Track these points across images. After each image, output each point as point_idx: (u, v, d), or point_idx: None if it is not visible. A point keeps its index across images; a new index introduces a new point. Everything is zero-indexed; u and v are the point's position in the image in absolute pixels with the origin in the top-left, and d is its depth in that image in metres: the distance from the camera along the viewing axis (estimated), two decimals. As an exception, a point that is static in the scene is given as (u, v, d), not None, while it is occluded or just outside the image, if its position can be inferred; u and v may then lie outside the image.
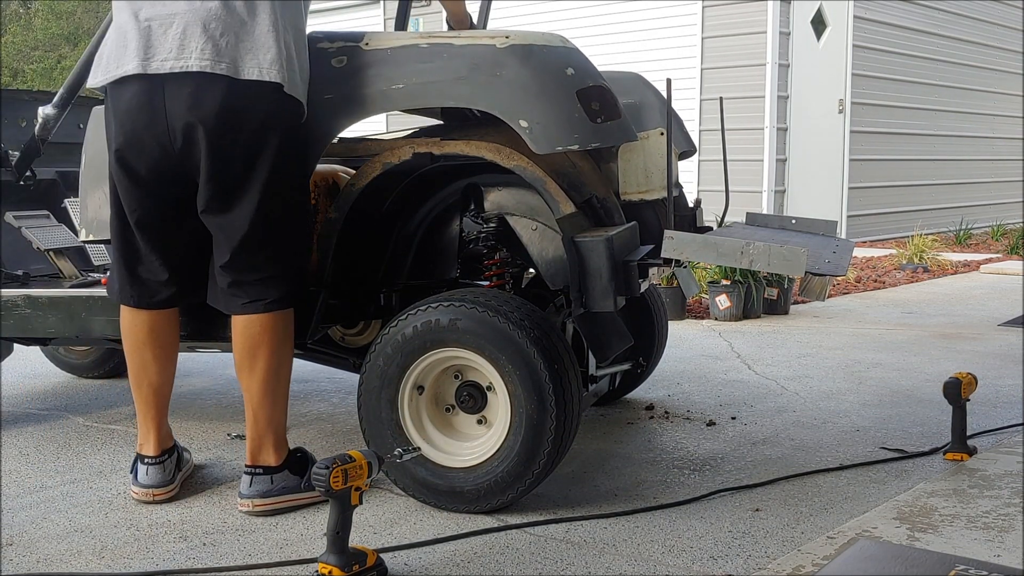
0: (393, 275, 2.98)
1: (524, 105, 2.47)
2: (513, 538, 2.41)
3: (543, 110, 2.47)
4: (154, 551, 2.36)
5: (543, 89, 2.48)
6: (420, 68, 2.54)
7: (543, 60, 2.51)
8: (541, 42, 2.54)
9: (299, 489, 2.62)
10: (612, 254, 2.47)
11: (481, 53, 2.50)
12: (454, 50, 2.53)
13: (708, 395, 3.85)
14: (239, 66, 2.38)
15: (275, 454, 2.61)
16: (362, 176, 2.69)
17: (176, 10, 2.39)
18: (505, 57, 2.49)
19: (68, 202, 3.71)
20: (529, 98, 2.47)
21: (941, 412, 3.43)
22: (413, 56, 2.56)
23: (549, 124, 2.46)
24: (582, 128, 2.49)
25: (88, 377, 4.31)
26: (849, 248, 3.00)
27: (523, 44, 2.50)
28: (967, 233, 10.32)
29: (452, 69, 2.52)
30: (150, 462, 2.70)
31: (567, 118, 2.47)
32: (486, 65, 2.49)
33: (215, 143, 2.40)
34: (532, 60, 2.50)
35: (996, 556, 2.16)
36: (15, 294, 3.09)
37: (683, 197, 3.30)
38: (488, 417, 2.61)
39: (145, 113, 2.42)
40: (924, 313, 5.90)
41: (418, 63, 2.55)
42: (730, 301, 5.56)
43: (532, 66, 2.49)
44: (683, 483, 2.80)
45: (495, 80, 2.48)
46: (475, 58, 2.50)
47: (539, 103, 2.47)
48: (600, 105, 2.54)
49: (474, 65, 2.50)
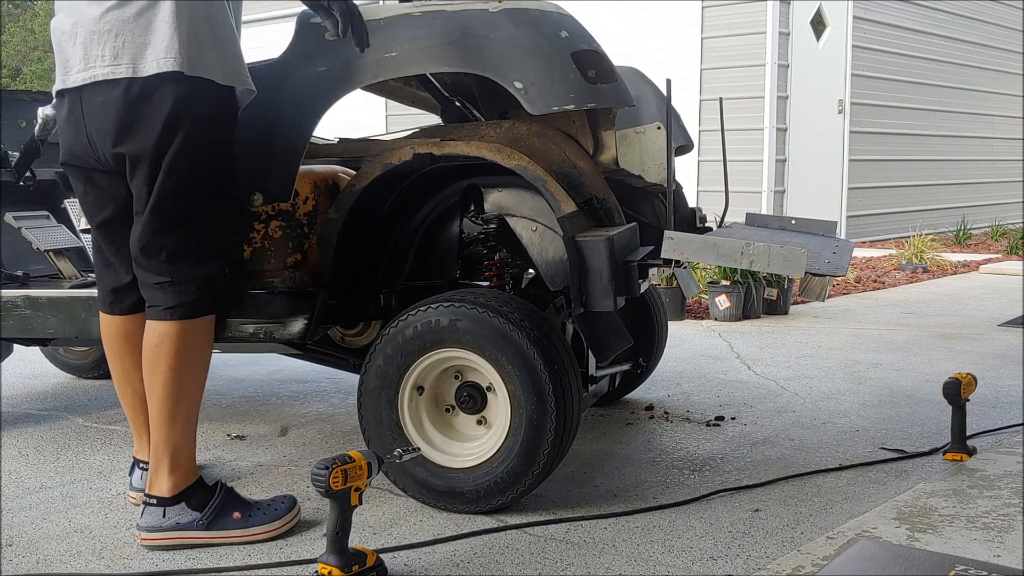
0: (393, 276, 2.98)
1: (518, 66, 2.46)
2: (513, 538, 2.41)
3: (537, 70, 2.45)
4: (154, 552, 2.36)
5: (537, 49, 2.47)
6: (413, 35, 2.53)
7: (537, 22, 2.50)
8: (535, 7, 2.54)
9: (195, 527, 2.37)
10: (613, 254, 2.47)
11: (474, 17, 2.50)
12: (447, 15, 2.53)
13: (708, 395, 3.85)
14: (138, 64, 2.26)
15: (169, 482, 2.38)
16: (362, 177, 2.69)
17: (78, 19, 2.32)
18: (498, 19, 2.48)
19: (68, 203, 3.71)
20: (523, 59, 2.46)
21: (941, 412, 3.43)
22: (407, 23, 2.55)
23: (544, 84, 2.44)
24: (577, 88, 2.47)
25: (88, 378, 4.31)
26: (849, 248, 3.00)
27: (516, 8, 2.50)
28: (967, 233, 10.32)
29: (445, 33, 2.51)
30: (144, 467, 2.67)
31: (562, 78, 2.46)
32: (479, 28, 2.48)
33: (128, 149, 2.31)
34: (525, 22, 2.49)
35: (996, 556, 2.16)
36: (15, 295, 3.09)
37: (683, 197, 3.30)
38: (488, 418, 2.61)
39: (71, 126, 2.38)
40: (924, 313, 5.91)
41: (411, 30, 2.54)
42: (730, 301, 5.56)
43: (525, 28, 2.48)
44: (683, 483, 2.80)
45: (488, 43, 2.47)
46: (468, 21, 2.50)
47: (533, 64, 2.46)
48: (595, 69, 2.53)
49: (467, 28, 2.49)
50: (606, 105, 2.58)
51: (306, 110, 2.63)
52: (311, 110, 2.63)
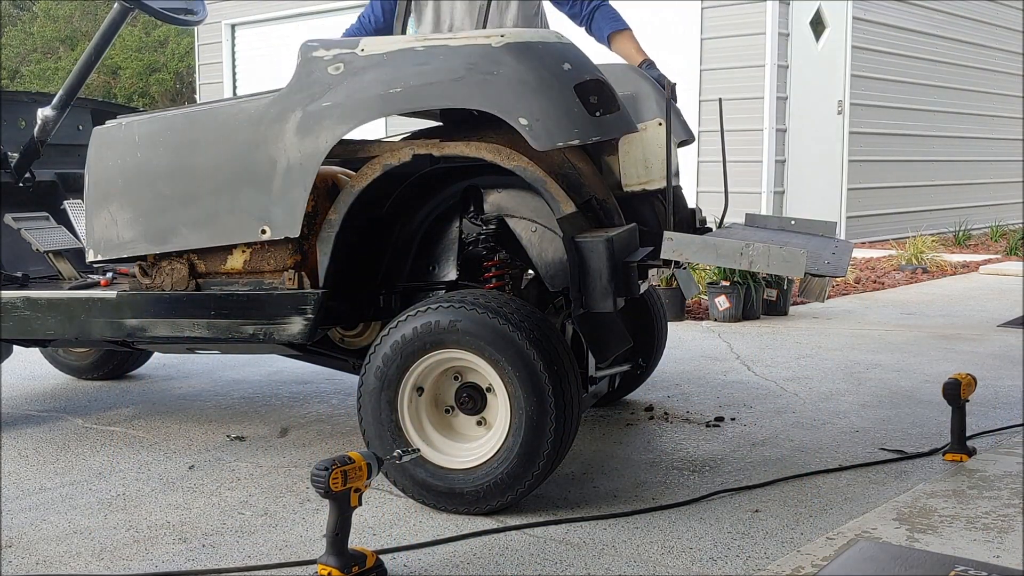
0: (393, 277, 2.98)
1: (523, 102, 2.47)
2: (512, 539, 2.41)
3: (542, 106, 2.47)
4: (153, 553, 2.36)
5: (541, 85, 2.48)
6: (417, 70, 2.54)
7: (539, 56, 2.51)
8: (537, 39, 2.55)
9: None
10: (612, 255, 2.47)
11: (477, 52, 2.51)
12: (450, 51, 2.53)
13: (707, 396, 3.85)
14: None
15: None
16: (362, 177, 2.69)
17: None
18: (501, 55, 2.49)
19: (67, 204, 3.71)
20: (527, 95, 2.47)
21: (940, 413, 3.43)
22: (410, 59, 2.56)
23: (548, 120, 2.46)
24: (582, 122, 2.49)
25: (87, 379, 4.30)
26: (848, 249, 3.00)
27: (519, 42, 2.51)
28: (966, 234, 10.32)
29: (449, 70, 2.52)
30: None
31: (566, 113, 2.48)
32: (483, 64, 2.49)
33: None
34: (528, 57, 2.50)
35: (995, 557, 2.16)
36: (14, 296, 3.09)
37: (682, 198, 3.30)
38: (488, 418, 2.61)
39: None
40: (923, 314, 5.91)
41: (415, 65, 2.55)
42: (729, 302, 5.56)
43: (529, 63, 2.49)
44: (682, 484, 2.80)
45: (492, 78, 2.48)
46: (471, 57, 2.51)
47: (537, 99, 2.47)
48: (598, 98, 2.55)
49: (471, 64, 2.50)
50: (610, 136, 2.60)
51: (310, 146, 2.63)
52: (315, 147, 2.63)
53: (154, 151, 2.83)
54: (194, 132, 2.79)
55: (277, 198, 2.69)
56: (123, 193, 2.88)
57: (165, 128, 2.83)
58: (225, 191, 2.76)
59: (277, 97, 2.68)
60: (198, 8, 3.53)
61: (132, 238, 2.89)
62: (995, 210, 11.94)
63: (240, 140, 2.72)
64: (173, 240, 2.85)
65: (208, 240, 2.81)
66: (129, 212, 2.88)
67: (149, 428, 3.49)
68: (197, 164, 2.78)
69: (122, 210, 2.89)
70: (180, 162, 2.80)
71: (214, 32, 12.54)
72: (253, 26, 12.40)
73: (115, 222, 2.89)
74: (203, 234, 2.81)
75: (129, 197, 2.87)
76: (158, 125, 2.84)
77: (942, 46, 10.89)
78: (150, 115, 2.91)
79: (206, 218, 2.79)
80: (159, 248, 2.87)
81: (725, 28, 9.10)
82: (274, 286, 2.80)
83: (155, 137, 2.83)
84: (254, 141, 2.70)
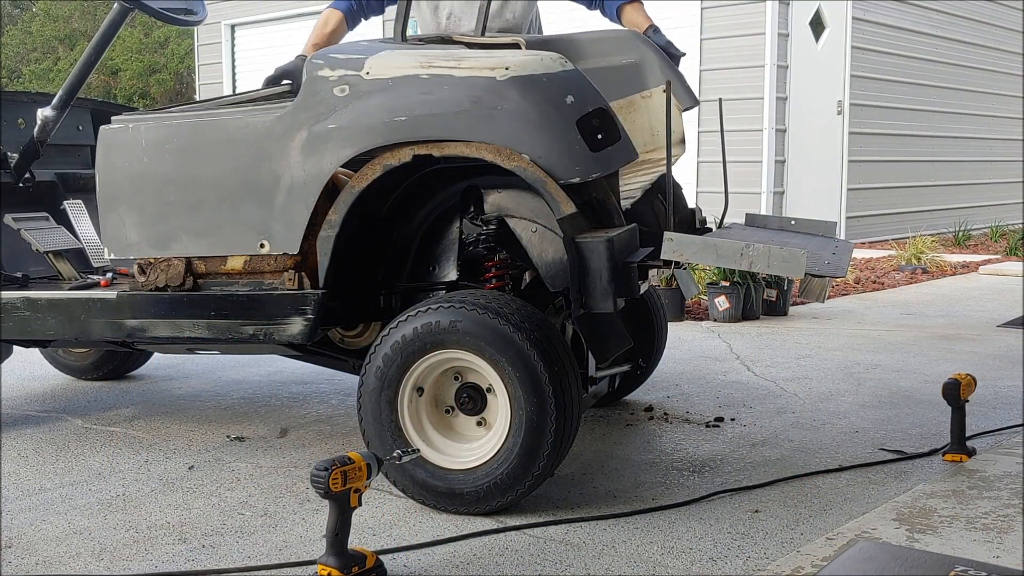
0: (393, 277, 2.98)
1: (525, 140, 2.50)
2: (512, 540, 2.41)
3: (544, 144, 2.50)
4: (153, 553, 2.36)
5: (543, 121, 2.51)
6: (422, 100, 2.56)
7: (543, 91, 2.53)
8: (541, 70, 2.56)
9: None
10: (613, 255, 2.47)
11: (481, 85, 2.52)
12: (455, 81, 2.55)
13: (707, 397, 3.85)
14: None
15: None
16: (362, 178, 2.69)
17: None
18: (505, 89, 2.51)
19: (67, 204, 3.71)
20: (530, 131, 2.50)
21: (940, 413, 3.43)
22: (414, 87, 2.57)
23: (551, 158, 2.50)
24: (583, 160, 2.52)
25: (87, 379, 4.30)
26: (848, 249, 3.00)
27: (522, 75, 2.52)
28: (966, 234, 10.32)
29: (453, 102, 2.53)
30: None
31: (568, 150, 2.51)
32: (487, 98, 2.51)
33: None
34: (532, 91, 2.52)
35: (995, 557, 2.16)
36: (14, 296, 3.09)
37: (682, 198, 3.30)
38: (488, 419, 2.61)
39: None
40: (923, 314, 5.91)
41: (419, 94, 2.56)
42: (729, 302, 5.56)
43: (532, 98, 2.51)
44: (682, 484, 2.80)
45: (496, 114, 2.51)
46: (475, 90, 2.52)
47: (540, 137, 2.50)
48: (601, 131, 2.57)
49: (475, 98, 2.52)
50: (611, 170, 2.62)
51: (314, 167, 2.65)
52: (319, 168, 2.65)
53: (160, 157, 2.84)
54: (200, 141, 2.80)
55: (278, 214, 2.71)
56: (129, 196, 2.89)
57: (172, 135, 2.84)
58: (227, 202, 2.77)
59: (283, 114, 2.70)
60: (198, 8, 3.53)
61: (137, 240, 2.91)
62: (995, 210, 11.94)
63: (245, 153, 2.74)
64: (174, 246, 2.87)
65: (208, 249, 2.84)
66: (135, 215, 2.89)
67: (149, 428, 3.49)
68: (202, 174, 2.80)
69: (129, 212, 2.90)
70: (185, 170, 2.82)
71: (214, 32, 12.54)
72: (253, 26, 12.39)
73: (123, 223, 2.91)
74: (203, 243, 2.83)
75: (135, 200, 2.89)
76: (165, 131, 2.85)
77: (941, 46, 10.89)
78: (156, 116, 2.92)
79: (207, 227, 2.81)
80: (161, 253, 2.89)
81: (725, 28, 9.10)
82: (274, 286, 2.81)
83: (161, 144, 2.84)
84: (259, 155, 2.72)
